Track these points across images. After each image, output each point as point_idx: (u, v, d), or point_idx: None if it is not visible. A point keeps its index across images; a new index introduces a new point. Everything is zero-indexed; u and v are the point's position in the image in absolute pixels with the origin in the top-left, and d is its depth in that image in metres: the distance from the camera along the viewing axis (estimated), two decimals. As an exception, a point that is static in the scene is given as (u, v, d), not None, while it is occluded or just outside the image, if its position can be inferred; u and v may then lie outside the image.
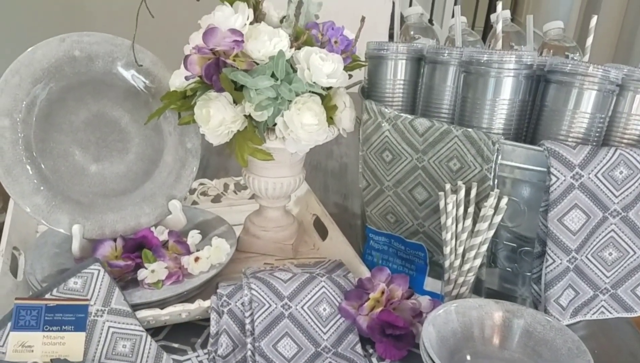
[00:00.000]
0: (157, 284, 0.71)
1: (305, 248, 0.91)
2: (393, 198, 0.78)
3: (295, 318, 0.69)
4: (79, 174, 0.75)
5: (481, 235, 0.68)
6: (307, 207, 0.98)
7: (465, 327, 0.66)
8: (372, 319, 0.69)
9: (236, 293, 0.69)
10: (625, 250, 0.68)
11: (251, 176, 0.82)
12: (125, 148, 0.79)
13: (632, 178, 0.65)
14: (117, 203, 0.77)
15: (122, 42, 0.76)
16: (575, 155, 0.64)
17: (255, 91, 0.68)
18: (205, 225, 0.85)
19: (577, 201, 0.65)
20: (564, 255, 0.66)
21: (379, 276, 0.73)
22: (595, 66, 0.67)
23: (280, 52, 0.68)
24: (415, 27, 0.86)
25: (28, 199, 0.71)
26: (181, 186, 0.82)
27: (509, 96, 0.69)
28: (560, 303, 0.68)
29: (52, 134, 0.74)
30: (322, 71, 0.70)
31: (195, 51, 0.69)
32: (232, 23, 0.69)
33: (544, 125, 0.70)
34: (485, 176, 0.69)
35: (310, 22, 0.76)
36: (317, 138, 0.73)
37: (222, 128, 0.71)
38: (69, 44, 0.72)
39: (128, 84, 0.77)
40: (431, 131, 0.71)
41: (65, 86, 0.73)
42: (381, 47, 0.80)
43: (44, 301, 0.63)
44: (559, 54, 0.80)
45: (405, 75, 0.80)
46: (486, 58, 0.69)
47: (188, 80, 0.71)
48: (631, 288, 0.70)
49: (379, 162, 0.77)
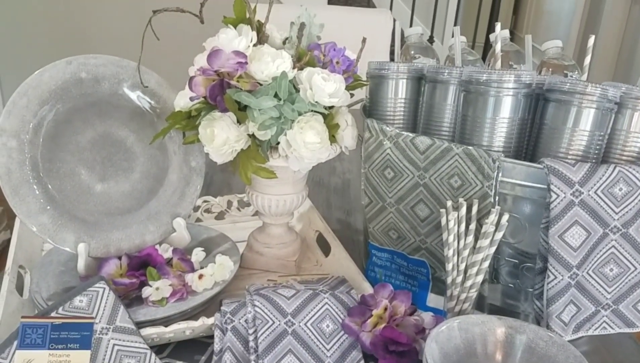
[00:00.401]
0: (161, 302, 0.72)
1: (309, 264, 0.91)
2: (395, 214, 0.79)
3: (298, 335, 0.69)
4: (84, 193, 0.77)
5: (483, 252, 0.68)
6: (310, 224, 0.99)
7: (468, 343, 0.66)
8: (375, 336, 0.69)
9: (240, 310, 0.70)
10: (626, 265, 0.69)
11: (254, 194, 0.83)
12: (130, 167, 0.80)
13: (631, 194, 0.66)
14: (122, 221, 0.78)
15: (128, 64, 0.77)
16: (574, 172, 0.65)
17: (258, 111, 0.69)
18: (209, 242, 0.86)
19: (577, 218, 0.65)
20: (565, 271, 0.67)
21: (381, 293, 0.73)
22: (594, 85, 0.68)
23: (283, 73, 0.69)
24: (415, 47, 0.88)
25: (34, 219, 0.72)
26: (185, 204, 0.83)
27: (509, 115, 0.70)
28: (562, 319, 0.69)
29: (59, 154, 0.75)
30: (324, 90, 0.71)
31: (199, 73, 0.70)
32: (236, 45, 0.70)
33: (544, 143, 0.71)
34: (486, 193, 0.70)
35: (312, 44, 0.77)
36: (320, 156, 0.74)
37: (226, 147, 0.72)
38: (76, 66, 0.74)
39: (134, 104, 0.78)
40: (432, 148, 0.72)
41: (72, 107, 0.74)
42: (382, 66, 0.81)
43: (49, 319, 0.64)
44: (558, 73, 0.81)
45: (406, 94, 0.82)
46: (485, 77, 0.70)
47: (193, 100, 0.72)
48: (632, 304, 0.71)
49: (381, 179, 0.78)
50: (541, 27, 4.33)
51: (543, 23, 4.30)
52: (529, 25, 4.57)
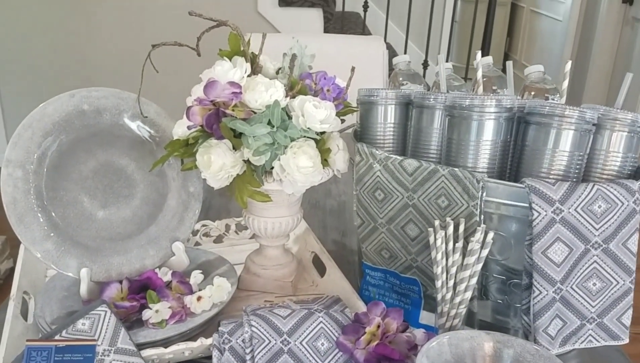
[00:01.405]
0: (161, 323, 0.74)
1: (305, 284, 0.94)
2: (386, 234, 0.82)
3: (294, 353, 0.71)
4: (87, 220, 0.80)
5: (470, 269, 0.71)
6: (306, 245, 1.02)
7: (458, 358, 0.68)
8: (369, 352, 0.72)
9: (237, 330, 0.72)
10: (608, 280, 0.71)
11: (251, 217, 0.86)
12: (131, 194, 0.83)
13: (610, 211, 0.69)
14: (123, 246, 0.80)
15: (128, 95, 0.81)
16: (554, 191, 0.68)
17: (253, 138, 0.73)
18: (207, 265, 0.89)
19: (559, 235, 0.68)
20: (549, 286, 0.69)
21: (374, 311, 0.75)
22: (571, 108, 0.71)
23: (276, 102, 0.73)
24: (403, 74, 0.92)
25: (39, 245, 0.75)
26: (184, 228, 0.86)
27: (491, 137, 0.74)
28: (548, 333, 0.71)
29: (62, 183, 0.78)
30: (316, 117, 0.75)
31: (196, 103, 0.74)
32: (231, 76, 0.74)
33: (526, 163, 0.74)
34: (472, 212, 0.73)
35: (304, 73, 0.81)
36: (313, 179, 0.78)
37: (222, 173, 0.75)
38: (78, 99, 0.78)
39: (134, 134, 0.82)
40: (420, 170, 0.75)
41: (75, 138, 0.78)
42: (371, 93, 0.85)
43: (53, 342, 0.66)
44: (540, 96, 0.85)
45: (394, 119, 0.85)
46: (468, 103, 0.73)
47: (190, 129, 0.76)
48: (616, 317, 0.73)
49: (372, 201, 0.81)
50: (535, 50, 4.41)
51: (537, 45, 4.38)
52: (524, 47, 4.64)
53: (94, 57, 2.84)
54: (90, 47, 2.82)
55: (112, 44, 2.81)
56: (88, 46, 2.82)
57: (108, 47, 2.81)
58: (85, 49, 2.82)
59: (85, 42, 2.81)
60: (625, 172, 0.74)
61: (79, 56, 2.83)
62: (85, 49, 2.82)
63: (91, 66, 2.84)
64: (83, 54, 2.83)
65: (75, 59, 2.83)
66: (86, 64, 2.84)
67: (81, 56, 2.83)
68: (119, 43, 2.79)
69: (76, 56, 2.83)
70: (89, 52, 2.83)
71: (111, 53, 2.81)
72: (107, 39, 2.80)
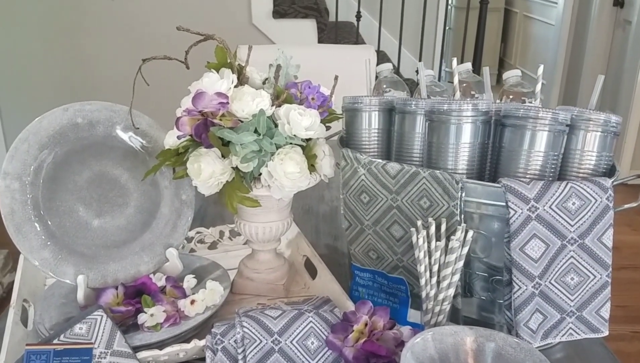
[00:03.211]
0: (155, 327, 0.77)
1: (297, 287, 0.96)
2: (373, 236, 0.84)
3: (284, 352, 0.74)
4: (82, 228, 0.83)
5: (451, 266, 0.74)
6: (297, 249, 1.04)
7: (442, 353, 0.71)
8: (357, 350, 0.74)
9: (229, 332, 0.75)
10: (585, 274, 0.74)
11: (242, 222, 0.89)
12: (125, 203, 0.86)
13: (584, 208, 0.72)
14: (118, 253, 0.83)
15: (121, 108, 0.84)
16: (529, 190, 0.71)
17: (240, 146, 0.76)
18: (201, 270, 0.91)
19: (535, 231, 0.71)
20: (528, 281, 0.72)
21: (362, 309, 0.78)
22: (545, 110, 0.74)
23: (261, 111, 0.76)
24: (386, 81, 0.95)
25: (37, 254, 0.78)
26: (177, 234, 0.89)
27: (469, 140, 0.77)
28: (530, 327, 0.73)
29: (58, 194, 0.81)
30: (301, 124, 0.78)
31: (185, 113, 0.77)
32: (218, 87, 0.77)
33: (504, 164, 0.77)
34: (453, 212, 0.75)
35: (289, 83, 0.84)
36: (300, 184, 0.80)
37: (212, 180, 0.78)
38: (72, 112, 0.81)
39: (127, 145, 0.85)
40: (402, 173, 0.78)
41: (70, 150, 0.81)
42: (355, 100, 0.88)
43: (52, 346, 0.69)
44: (517, 100, 0.88)
45: (379, 124, 0.88)
46: (446, 107, 0.76)
47: (180, 139, 0.79)
48: (595, 310, 0.75)
49: (358, 203, 0.84)
50: (529, 54, 4.45)
51: (531, 50, 4.42)
52: (518, 52, 4.69)
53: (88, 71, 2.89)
54: (85, 61, 2.87)
55: (105, 59, 2.86)
56: (83, 61, 2.87)
57: (102, 62, 2.86)
58: (80, 63, 2.87)
59: (80, 58, 2.86)
60: (601, 170, 0.77)
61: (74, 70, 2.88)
62: (80, 63, 2.87)
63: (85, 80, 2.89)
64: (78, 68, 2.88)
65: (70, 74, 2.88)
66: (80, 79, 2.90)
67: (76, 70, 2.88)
68: (112, 58, 2.84)
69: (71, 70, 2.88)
70: (84, 66, 2.88)
71: (105, 67, 2.86)
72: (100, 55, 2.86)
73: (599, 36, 3.52)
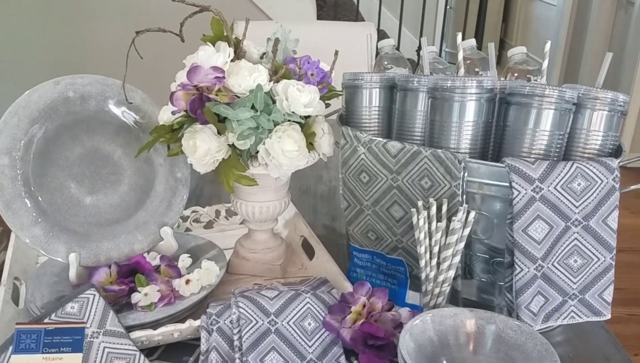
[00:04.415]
0: (150, 306, 0.75)
1: (294, 268, 0.95)
2: (372, 216, 0.83)
3: (281, 333, 0.73)
4: (74, 206, 0.80)
5: (452, 247, 0.72)
6: (295, 229, 1.03)
7: (441, 335, 0.69)
8: (354, 331, 0.73)
9: (225, 312, 0.73)
10: (589, 257, 0.72)
11: (239, 202, 0.87)
12: (118, 180, 0.84)
13: (590, 189, 0.70)
14: (111, 231, 0.81)
15: (113, 82, 0.82)
16: (534, 170, 0.69)
17: (237, 122, 0.74)
18: (197, 250, 0.90)
19: (539, 213, 0.69)
20: (530, 263, 0.70)
21: (360, 291, 0.77)
22: (551, 87, 0.72)
23: (258, 86, 0.74)
24: (388, 58, 0.92)
25: (27, 231, 0.76)
26: (172, 213, 0.87)
27: (473, 118, 0.75)
28: (531, 310, 0.72)
29: (49, 170, 0.79)
30: (300, 101, 0.75)
31: (180, 88, 0.74)
32: (214, 61, 0.74)
33: (508, 143, 0.75)
34: (455, 193, 0.74)
35: (288, 57, 0.82)
36: (298, 163, 0.78)
37: (208, 157, 0.76)
38: (63, 86, 0.78)
39: (119, 120, 0.83)
40: (403, 152, 0.76)
41: (61, 125, 0.79)
42: (356, 77, 0.86)
43: (43, 325, 0.67)
44: (523, 78, 0.86)
45: (379, 102, 0.86)
46: (450, 84, 0.74)
47: (175, 114, 0.77)
48: (598, 293, 0.74)
49: (357, 183, 0.82)
50: (531, 34, 4.40)
51: (532, 30, 4.36)
52: (519, 32, 4.63)
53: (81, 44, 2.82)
54: (77, 33, 2.80)
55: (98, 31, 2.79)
56: (75, 33, 2.80)
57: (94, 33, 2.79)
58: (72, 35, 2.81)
59: (72, 29, 2.80)
60: (606, 151, 0.75)
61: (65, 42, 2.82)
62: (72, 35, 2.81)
63: (77, 53, 2.83)
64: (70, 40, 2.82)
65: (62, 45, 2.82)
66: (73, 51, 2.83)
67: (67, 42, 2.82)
68: (105, 30, 2.78)
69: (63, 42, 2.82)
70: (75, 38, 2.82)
71: (97, 39, 2.80)
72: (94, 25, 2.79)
73: (601, 17, 3.47)
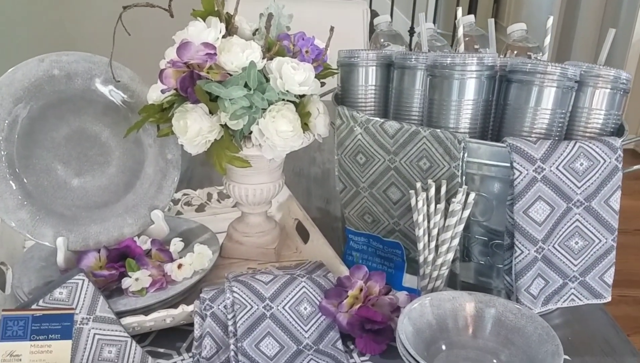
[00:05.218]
0: (141, 292, 0.73)
1: (288, 251, 0.93)
2: (369, 198, 0.81)
3: (276, 318, 0.71)
4: (61, 188, 0.78)
5: (451, 230, 0.71)
6: (289, 212, 1.01)
7: (439, 319, 0.68)
8: (351, 315, 0.71)
9: (219, 297, 0.72)
10: (590, 238, 0.71)
11: (231, 184, 0.85)
12: (106, 162, 0.81)
13: (592, 169, 0.68)
14: (100, 215, 0.79)
15: (100, 59, 0.78)
16: (536, 149, 0.67)
17: (229, 101, 0.71)
18: (189, 234, 0.87)
19: (540, 193, 0.68)
20: (531, 245, 0.69)
21: (357, 274, 0.75)
22: (554, 65, 0.70)
23: (252, 63, 0.71)
24: (384, 35, 0.90)
25: (13, 215, 0.73)
26: (163, 196, 0.84)
27: (473, 97, 0.72)
28: (531, 292, 0.71)
29: (34, 151, 0.76)
30: (294, 79, 0.73)
31: (170, 65, 0.72)
32: (205, 37, 0.71)
33: (508, 123, 0.73)
34: (454, 174, 0.72)
35: (281, 34, 0.79)
36: (293, 144, 0.76)
37: (199, 138, 0.73)
38: (48, 63, 0.75)
39: (107, 99, 0.80)
40: (401, 132, 0.74)
41: (46, 104, 0.76)
42: (352, 54, 0.83)
43: (30, 311, 0.65)
44: (523, 55, 0.84)
45: (376, 81, 0.83)
46: (449, 61, 0.72)
47: (164, 93, 0.74)
48: (599, 275, 0.73)
49: (354, 165, 0.80)
50: (522, 15, 4.36)
51: (524, 10, 4.33)
52: (510, 13, 4.59)
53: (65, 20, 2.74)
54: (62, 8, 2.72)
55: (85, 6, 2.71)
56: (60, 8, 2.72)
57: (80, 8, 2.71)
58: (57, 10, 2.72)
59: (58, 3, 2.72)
60: (608, 130, 0.73)
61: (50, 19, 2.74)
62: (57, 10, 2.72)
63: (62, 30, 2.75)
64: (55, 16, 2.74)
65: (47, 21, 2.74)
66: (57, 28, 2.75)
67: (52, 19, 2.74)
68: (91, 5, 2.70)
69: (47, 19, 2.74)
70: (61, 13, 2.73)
71: (84, 15, 2.72)
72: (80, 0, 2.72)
73: (593, -4, 3.45)
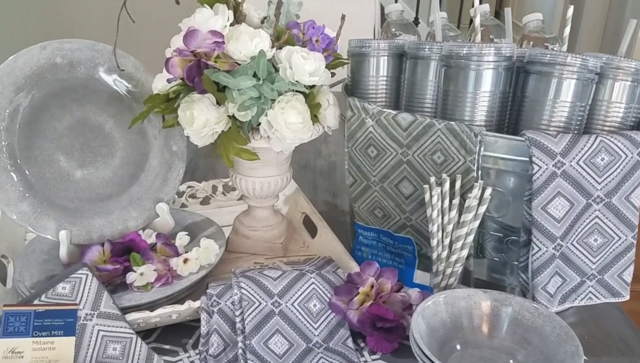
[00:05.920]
0: (146, 287, 0.71)
1: (296, 246, 0.91)
2: (380, 193, 0.78)
3: (285, 315, 0.69)
4: (64, 180, 0.76)
5: (467, 226, 0.68)
6: (296, 206, 0.99)
7: (454, 317, 0.66)
8: (362, 313, 0.69)
9: (226, 293, 0.70)
10: (610, 235, 0.69)
11: (238, 177, 0.83)
12: (110, 153, 0.79)
13: (613, 164, 0.66)
14: (103, 207, 0.77)
15: (104, 47, 0.76)
16: (556, 144, 0.65)
17: (237, 91, 0.69)
18: (194, 227, 0.85)
19: (560, 189, 0.65)
20: (549, 242, 0.67)
21: (368, 271, 0.73)
22: (574, 56, 0.67)
23: (261, 52, 0.68)
24: (396, 24, 0.87)
25: (14, 207, 0.71)
26: (168, 188, 0.82)
27: (490, 88, 0.70)
28: (548, 291, 0.69)
29: (36, 141, 0.74)
30: (304, 69, 0.70)
31: (176, 54, 0.69)
32: (212, 25, 0.69)
33: (526, 115, 0.71)
34: (469, 168, 0.69)
35: (291, 22, 0.76)
36: (302, 136, 0.74)
37: (206, 129, 0.71)
38: (50, 51, 0.73)
39: (111, 89, 0.77)
40: (414, 125, 0.72)
41: (48, 93, 0.73)
42: (363, 44, 0.81)
43: (32, 307, 0.63)
44: (539, 46, 0.81)
45: (387, 71, 0.81)
46: (466, 51, 0.69)
47: (170, 83, 0.71)
48: (617, 273, 0.71)
49: (365, 158, 0.78)
50: (526, 5, 4.32)
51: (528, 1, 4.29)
52: (515, 3, 4.55)
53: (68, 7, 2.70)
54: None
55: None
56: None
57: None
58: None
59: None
60: (628, 123, 0.71)
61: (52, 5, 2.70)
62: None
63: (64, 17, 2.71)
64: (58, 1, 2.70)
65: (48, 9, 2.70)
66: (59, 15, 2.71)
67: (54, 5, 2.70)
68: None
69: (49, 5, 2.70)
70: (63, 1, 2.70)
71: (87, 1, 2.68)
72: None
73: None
